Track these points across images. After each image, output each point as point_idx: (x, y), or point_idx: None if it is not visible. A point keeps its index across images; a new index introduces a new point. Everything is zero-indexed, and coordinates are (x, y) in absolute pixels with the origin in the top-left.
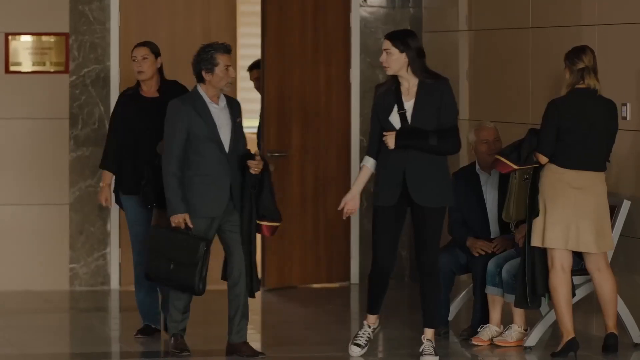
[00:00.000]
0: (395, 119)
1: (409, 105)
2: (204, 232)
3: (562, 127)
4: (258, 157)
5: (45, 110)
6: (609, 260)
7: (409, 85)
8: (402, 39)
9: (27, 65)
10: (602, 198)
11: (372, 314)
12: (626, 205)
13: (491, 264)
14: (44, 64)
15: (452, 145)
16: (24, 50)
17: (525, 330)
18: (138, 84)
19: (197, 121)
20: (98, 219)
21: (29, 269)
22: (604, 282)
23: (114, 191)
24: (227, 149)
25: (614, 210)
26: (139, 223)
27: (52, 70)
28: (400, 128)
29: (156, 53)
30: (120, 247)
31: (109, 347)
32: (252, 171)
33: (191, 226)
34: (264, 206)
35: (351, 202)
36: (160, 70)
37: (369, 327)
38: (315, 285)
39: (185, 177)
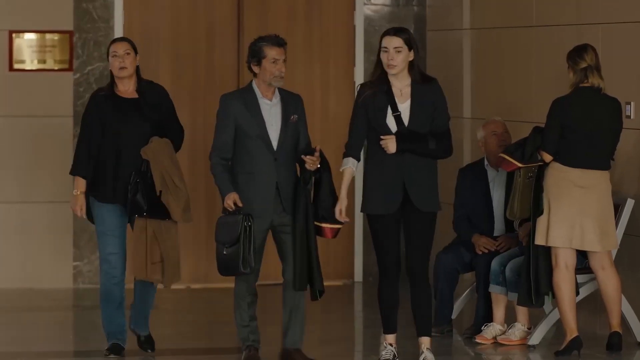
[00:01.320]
0: (391, 122)
1: (403, 107)
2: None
3: (567, 126)
4: (317, 154)
5: (49, 108)
6: (613, 258)
7: (401, 85)
8: (410, 35)
9: (31, 63)
10: (607, 197)
11: (390, 332)
12: (630, 203)
13: (495, 263)
14: (48, 62)
15: (447, 148)
16: (27, 48)
17: (529, 328)
18: (111, 83)
19: (246, 117)
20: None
21: (33, 266)
22: (608, 280)
23: (88, 201)
24: (275, 146)
25: (617, 209)
26: (116, 234)
27: (56, 68)
28: (398, 131)
29: (135, 50)
30: None
31: None
32: (307, 166)
33: (240, 205)
34: (323, 207)
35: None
36: (137, 69)
37: (391, 345)
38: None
39: (232, 175)
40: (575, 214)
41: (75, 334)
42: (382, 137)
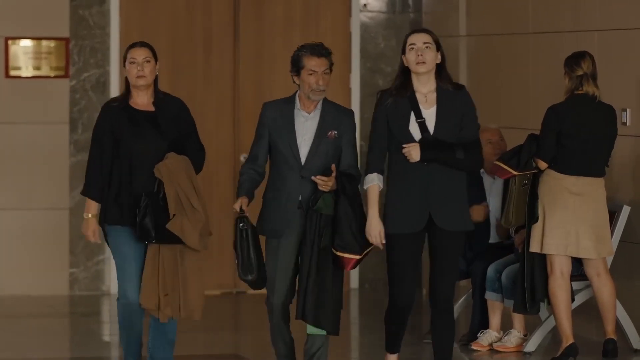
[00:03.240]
0: (415, 129)
1: (428, 113)
2: (275, 254)
3: (562, 133)
4: (332, 174)
5: (45, 115)
6: (609, 265)
7: (426, 91)
8: (437, 36)
9: (27, 70)
10: (602, 203)
11: (393, 352)
12: (626, 210)
13: (491, 270)
14: (44, 69)
15: (477, 160)
16: (24, 54)
17: (525, 335)
18: (126, 93)
19: (278, 128)
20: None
21: (29, 273)
22: (603, 287)
23: (100, 223)
24: (302, 162)
25: (613, 216)
26: (131, 259)
27: (52, 75)
28: (423, 139)
29: (156, 57)
30: None
31: (109, 351)
32: (319, 187)
33: (245, 208)
34: (338, 235)
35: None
36: (155, 79)
37: None
38: None
39: (264, 192)
40: (570, 221)
41: (71, 341)
42: (404, 145)
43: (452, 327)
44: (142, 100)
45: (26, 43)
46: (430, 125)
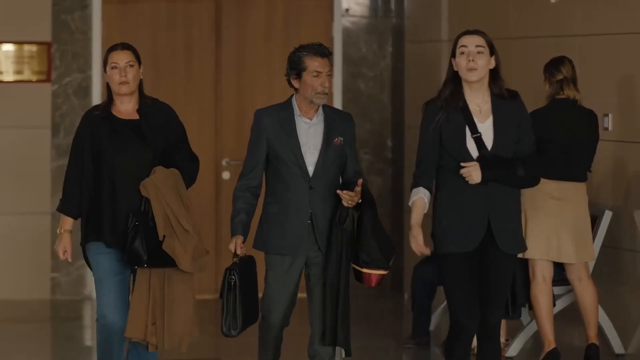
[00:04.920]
0: (471, 145)
1: (484, 127)
2: (279, 273)
3: (543, 138)
4: (358, 189)
5: (27, 119)
6: (590, 270)
7: (480, 101)
8: (489, 37)
9: (9, 74)
10: (583, 208)
11: None
12: (607, 215)
13: None
14: (26, 73)
15: (535, 177)
16: (5, 59)
17: (507, 340)
18: (108, 101)
19: (279, 137)
20: (79, 228)
21: (11, 277)
22: (585, 292)
23: (81, 244)
24: (310, 173)
25: (595, 221)
26: (115, 281)
27: (34, 79)
28: (481, 157)
29: (139, 60)
30: None
31: (90, 356)
32: (344, 203)
33: (239, 252)
34: (363, 250)
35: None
36: (140, 84)
37: None
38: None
39: (264, 204)
40: (551, 226)
41: (53, 346)
42: (462, 164)
43: (499, 353)
44: (126, 108)
45: (8, 47)
46: (487, 140)
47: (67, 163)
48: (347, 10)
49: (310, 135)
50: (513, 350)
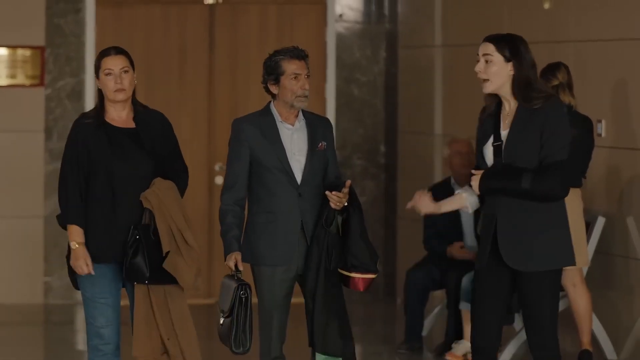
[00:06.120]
0: (488, 153)
1: (504, 135)
2: (272, 284)
3: None
4: (345, 190)
5: (20, 123)
6: (584, 276)
7: (509, 109)
8: (510, 42)
9: (2, 78)
10: (578, 214)
11: None
12: (601, 221)
13: (465, 280)
14: (19, 77)
15: (551, 187)
16: None
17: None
18: (100, 108)
19: (263, 145)
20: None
21: (4, 281)
22: (579, 297)
23: (67, 256)
24: (298, 180)
25: (588, 227)
26: (109, 302)
27: (27, 83)
28: (491, 166)
29: (133, 65)
30: None
31: None
32: (331, 204)
33: (241, 268)
34: (352, 253)
35: (422, 198)
36: (133, 91)
37: None
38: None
39: (249, 215)
40: None
41: (46, 350)
42: (472, 172)
43: None
44: (120, 116)
45: (1, 51)
46: (505, 150)
47: (61, 172)
48: (340, 15)
49: (294, 141)
50: (506, 356)
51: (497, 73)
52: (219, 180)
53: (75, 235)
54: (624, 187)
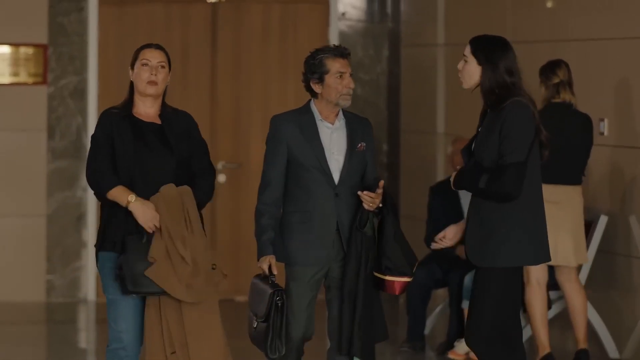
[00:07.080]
0: (465, 152)
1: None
2: (303, 284)
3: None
4: (379, 190)
5: (23, 122)
6: (586, 275)
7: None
8: (487, 48)
9: (5, 77)
10: (578, 211)
11: None
12: (603, 220)
13: (467, 279)
14: (22, 75)
15: (503, 188)
16: (1, 61)
17: None
18: (129, 101)
19: (301, 144)
20: (75, 230)
21: (6, 280)
22: (576, 295)
23: (95, 245)
24: (336, 180)
25: (590, 226)
26: (130, 303)
27: (30, 81)
28: (464, 164)
29: (170, 64)
30: None
31: (85, 359)
32: (364, 205)
33: (275, 272)
34: (386, 256)
35: (447, 232)
36: (164, 91)
37: None
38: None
39: (284, 214)
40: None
41: (48, 349)
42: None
43: None
44: (148, 112)
45: (4, 49)
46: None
47: (90, 152)
48: (343, 14)
49: (333, 141)
50: None
51: (468, 73)
52: (222, 178)
53: (122, 196)
54: (627, 185)
